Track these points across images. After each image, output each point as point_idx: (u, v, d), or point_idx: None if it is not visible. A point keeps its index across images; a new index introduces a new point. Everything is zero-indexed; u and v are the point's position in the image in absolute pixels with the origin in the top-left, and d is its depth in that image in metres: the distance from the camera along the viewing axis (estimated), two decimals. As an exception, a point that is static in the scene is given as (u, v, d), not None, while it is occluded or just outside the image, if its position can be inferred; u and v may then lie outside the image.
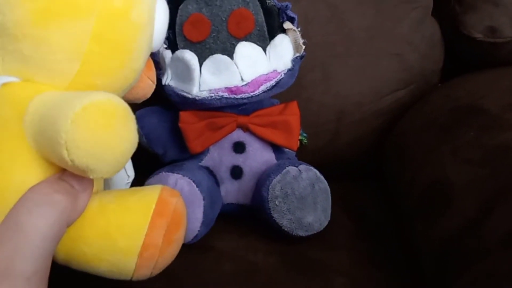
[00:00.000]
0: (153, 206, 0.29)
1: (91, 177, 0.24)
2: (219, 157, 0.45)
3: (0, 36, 0.26)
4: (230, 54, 0.43)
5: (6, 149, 0.25)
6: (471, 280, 0.31)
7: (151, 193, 0.30)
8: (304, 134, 0.52)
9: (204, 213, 0.40)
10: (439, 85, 0.56)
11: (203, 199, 0.40)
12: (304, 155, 0.51)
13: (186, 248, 0.40)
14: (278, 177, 0.41)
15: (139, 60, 0.30)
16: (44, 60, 0.26)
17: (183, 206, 0.31)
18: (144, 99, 0.35)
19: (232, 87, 0.42)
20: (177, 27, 0.44)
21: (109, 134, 0.24)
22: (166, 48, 0.44)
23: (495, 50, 0.50)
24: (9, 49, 0.26)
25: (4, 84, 0.26)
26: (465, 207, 0.34)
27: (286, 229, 0.41)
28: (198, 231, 0.40)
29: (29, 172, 0.25)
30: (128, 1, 0.27)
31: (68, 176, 0.26)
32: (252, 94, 0.42)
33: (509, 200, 0.31)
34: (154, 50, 0.32)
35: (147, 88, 0.34)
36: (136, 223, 0.29)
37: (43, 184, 0.25)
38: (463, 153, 0.38)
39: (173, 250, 0.31)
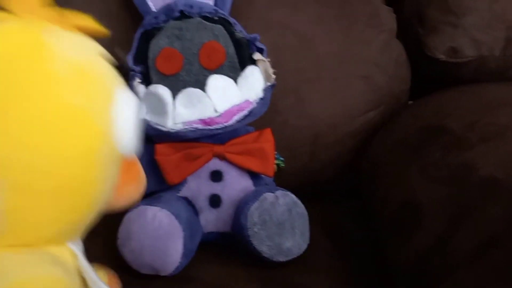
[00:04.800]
0: None
1: None
2: (197, 186, 0.46)
3: None
4: (203, 86, 0.44)
5: None
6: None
7: None
8: (281, 158, 0.53)
9: (184, 244, 0.41)
10: (410, 102, 0.58)
11: (183, 231, 0.41)
12: (282, 178, 0.52)
13: (168, 280, 0.41)
14: (256, 204, 0.42)
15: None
16: None
17: None
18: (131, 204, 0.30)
19: (206, 119, 0.43)
20: (149, 62, 0.45)
21: None
22: (140, 83, 0.45)
23: (457, 69, 0.53)
24: None
25: None
26: (433, 225, 0.35)
27: (266, 256, 0.42)
28: (179, 262, 0.41)
29: None
30: None
31: None
32: (225, 124, 0.43)
33: (473, 217, 0.33)
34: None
35: (130, 198, 0.28)
36: None
37: None
38: (430, 172, 0.40)
39: None
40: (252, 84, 0.45)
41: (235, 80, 0.45)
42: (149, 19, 0.46)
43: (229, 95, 0.44)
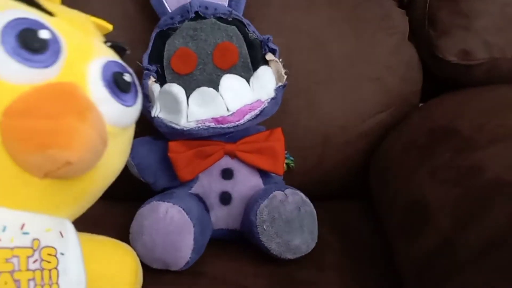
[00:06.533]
0: None
1: None
2: (208, 184, 0.47)
3: None
4: (216, 85, 0.45)
5: None
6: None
7: None
8: (291, 158, 0.53)
9: (195, 240, 0.42)
10: (420, 104, 0.58)
11: (193, 226, 0.42)
12: (292, 178, 0.53)
13: (178, 275, 0.42)
14: (265, 202, 0.43)
15: None
16: None
17: None
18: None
19: (218, 117, 0.44)
20: (164, 61, 0.46)
21: None
22: (155, 82, 0.46)
23: (468, 71, 0.53)
24: None
25: None
26: (441, 225, 0.36)
27: (274, 253, 0.42)
28: (190, 257, 0.41)
29: None
30: None
31: None
32: (237, 123, 0.44)
33: (480, 218, 0.33)
34: None
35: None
36: None
37: None
38: (439, 173, 0.40)
39: None
40: (264, 84, 0.46)
41: (247, 80, 0.46)
42: (165, 19, 0.47)
43: (241, 95, 0.45)
